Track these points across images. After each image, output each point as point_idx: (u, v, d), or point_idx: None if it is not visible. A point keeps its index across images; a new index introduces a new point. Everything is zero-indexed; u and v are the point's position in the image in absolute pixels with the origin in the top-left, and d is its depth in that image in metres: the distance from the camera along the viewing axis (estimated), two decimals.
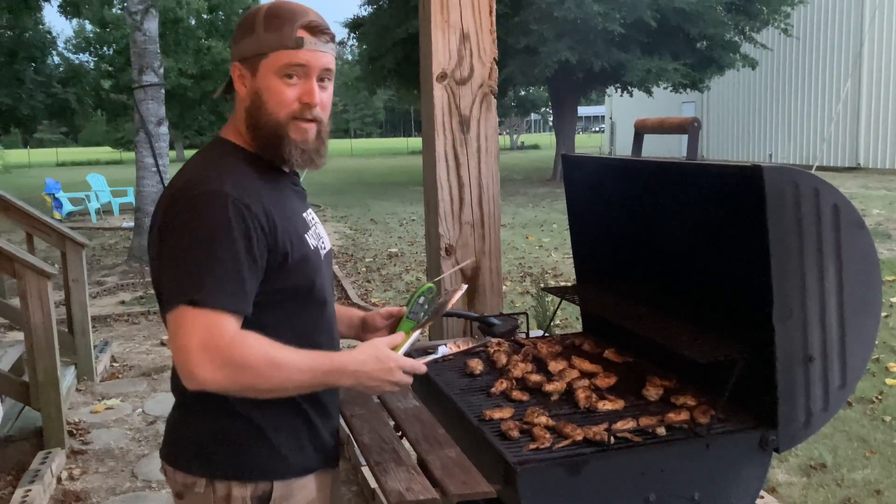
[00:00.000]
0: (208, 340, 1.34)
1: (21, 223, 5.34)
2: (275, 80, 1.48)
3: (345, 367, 1.47)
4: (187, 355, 1.34)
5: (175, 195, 1.43)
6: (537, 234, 12.02)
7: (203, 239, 1.37)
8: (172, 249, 1.40)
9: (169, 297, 1.38)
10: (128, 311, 7.62)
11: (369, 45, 21.91)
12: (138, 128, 9.79)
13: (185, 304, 1.34)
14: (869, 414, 4.37)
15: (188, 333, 1.34)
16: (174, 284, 1.38)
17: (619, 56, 18.17)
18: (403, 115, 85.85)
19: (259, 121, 1.50)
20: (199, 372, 1.34)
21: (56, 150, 55.77)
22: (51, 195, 16.11)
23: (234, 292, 1.37)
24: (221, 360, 1.34)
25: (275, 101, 1.49)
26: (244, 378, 1.36)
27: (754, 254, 1.60)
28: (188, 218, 1.39)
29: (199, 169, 1.48)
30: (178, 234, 1.39)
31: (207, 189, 1.40)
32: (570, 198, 2.46)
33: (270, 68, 1.48)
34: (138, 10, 9.68)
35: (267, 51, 1.47)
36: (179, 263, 1.38)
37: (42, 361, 4.05)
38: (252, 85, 1.50)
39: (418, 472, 1.62)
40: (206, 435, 1.53)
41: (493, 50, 2.77)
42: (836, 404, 1.70)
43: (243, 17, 1.53)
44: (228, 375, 1.35)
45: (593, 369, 2.04)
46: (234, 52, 1.53)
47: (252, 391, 1.40)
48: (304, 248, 1.51)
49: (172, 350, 1.37)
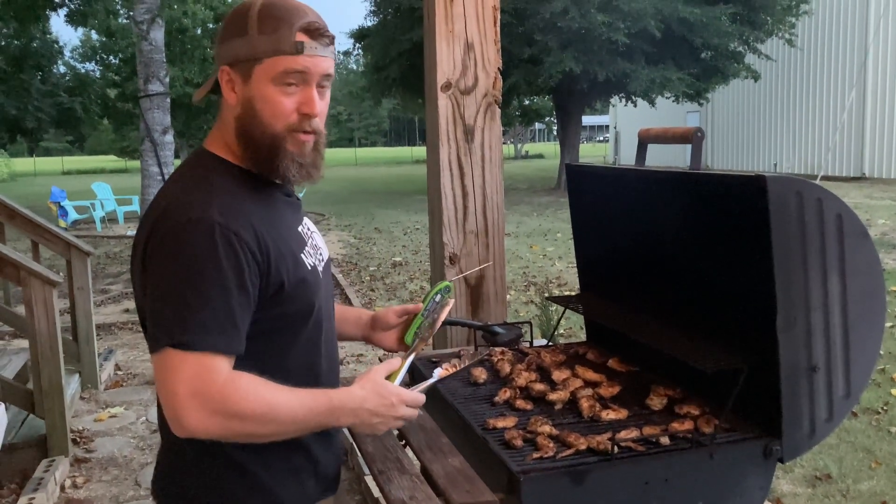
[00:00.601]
0: (198, 387, 1.23)
1: (27, 231, 5.36)
2: (271, 88, 1.34)
3: (344, 405, 1.36)
4: (176, 402, 1.23)
5: (157, 222, 1.30)
6: (541, 243, 12.02)
7: (188, 274, 1.25)
8: (156, 284, 1.28)
9: (154, 337, 1.26)
10: (132, 319, 7.63)
11: (374, 56, 22.01)
12: (144, 136, 9.84)
13: (170, 347, 1.23)
14: (874, 425, 4.35)
15: (176, 379, 1.23)
16: (159, 324, 1.26)
17: (624, 66, 18.22)
18: (408, 124, 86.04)
19: (252, 132, 1.36)
20: (188, 420, 1.23)
21: (62, 158, 56.04)
22: (56, 203, 16.18)
23: (223, 331, 1.26)
24: (212, 407, 1.24)
25: (270, 111, 1.35)
26: (237, 426, 1.26)
27: (758, 263, 1.60)
28: (172, 250, 1.26)
29: (184, 190, 1.34)
30: (162, 268, 1.27)
31: (192, 217, 1.27)
32: (574, 207, 2.47)
33: (266, 75, 1.33)
34: (144, 19, 9.75)
35: (262, 56, 1.32)
36: (164, 301, 1.26)
37: (47, 369, 4.06)
38: (244, 92, 1.36)
39: (422, 481, 1.62)
40: (196, 484, 1.42)
41: (498, 60, 2.79)
42: (840, 414, 1.69)
43: (232, 15, 1.36)
44: (220, 423, 1.25)
45: (597, 378, 2.04)
46: (222, 54, 1.36)
47: (246, 438, 1.31)
48: (300, 271, 1.40)
49: (159, 395, 1.26)
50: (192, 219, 1.27)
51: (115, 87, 34.46)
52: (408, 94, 23.69)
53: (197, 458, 1.40)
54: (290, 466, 1.45)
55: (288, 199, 1.49)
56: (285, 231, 1.41)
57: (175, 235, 1.27)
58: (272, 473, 1.42)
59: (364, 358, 6.00)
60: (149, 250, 1.30)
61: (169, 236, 1.27)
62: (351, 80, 48.10)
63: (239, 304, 1.28)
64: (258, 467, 1.41)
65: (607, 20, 16.99)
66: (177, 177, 1.42)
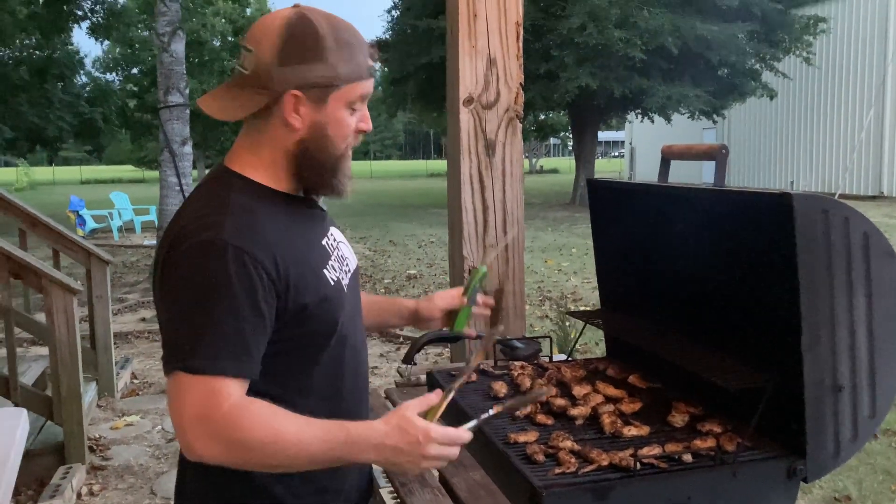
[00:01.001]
0: (204, 412, 1.21)
1: (48, 239, 5.42)
2: (343, 113, 1.36)
3: (365, 439, 1.27)
4: (183, 426, 1.22)
5: (174, 243, 1.29)
6: (556, 258, 12.00)
7: (200, 297, 1.24)
8: (169, 306, 1.28)
9: (166, 359, 1.26)
10: (148, 328, 7.68)
11: (392, 69, 22.15)
12: (163, 147, 9.94)
13: (181, 371, 1.22)
14: (895, 447, 4.30)
15: (183, 403, 1.22)
16: (170, 346, 1.26)
17: (640, 82, 18.25)
18: (423, 138, 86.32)
19: (320, 156, 1.36)
20: (195, 445, 1.22)
21: (80, 168, 56.68)
22: (74, 212, 16.34)
23: (234, 356, 1.24)
24: (217, 434, 1.21)
25: (341, 134, 1.37)
26: (242, 454, 1.23)
27: (783, 281, 1.59)
28: (185, 272, 1.26)
29: (200, 211, 1.32)
30: (175, 290, 1.27)
31: (205, 238, 1.25)
32: (595, 222, 2.47)
33: (343, 100, 1.35)
34: (166, 31, 9.87)
35: (341, 83, 1.33)
36: (176, 324, 1.26)
37: (66, 377, 4.09)
38: (314, 117, 1.34)
39: (443, 494, 1.62)
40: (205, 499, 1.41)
41: (520, 75, 2.80)
42: (865, 434, 1.68)
43: (297, 38, 1.31)
44: (226, 451, 1.22)
45: (618, 394, 2.03)
46: (289, 79, 1.31)
47: (254, 467, 1.27)
48: (322, 289, 1.37)
49: (172, 418, 1.25)
50: (205, 240, 1.26)
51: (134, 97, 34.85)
52: (424, 108, 23.83)
53: (216, 476, 1.35)
54: (316, 487, 1.42)
55: (311, 211, 1.48)
56: (306, 248, 1.40)
57: (188, 257, 1.26)
58: (294, 494, 1.39)
59: (378, 370, 6.01)
60: (164, 271, 1.30)
61: (182, 258, 1.26)
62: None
63: (252, 327, 1.26)
64: (281, 489, 1.38)
65: (624, 36, 17.04)
66: (195, 196, 1.40)
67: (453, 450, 1.34)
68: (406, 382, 2.47)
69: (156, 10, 10.02)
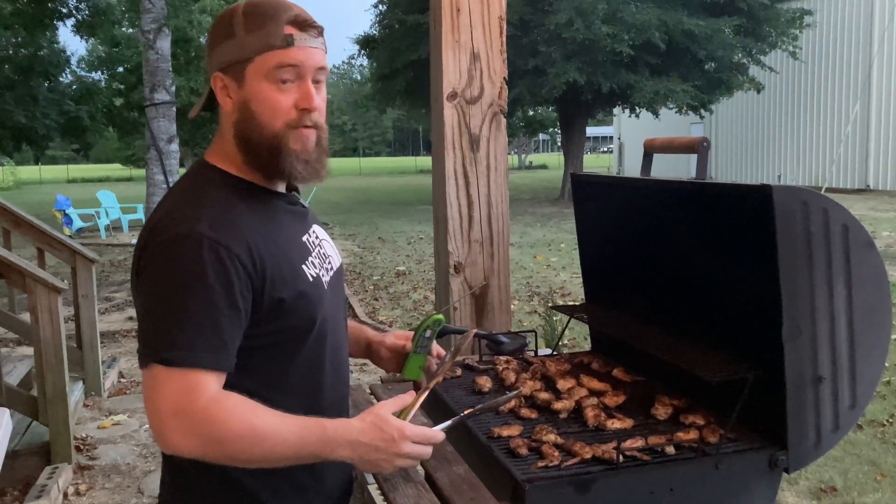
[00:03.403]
0: (181, 405, 1.20)
1: (32, 238, 5.38)
2: (265, 86, 1.32)
3: (340, 436, 1.27)
4: (159, 419, 1.21)
5: (150, 236, 1.29)
6: (545, 253, 12.02)
7: (175, 289, 1.23)
8: (145, 300, 1.27)
9: (142, 353, 1.25)
10: (135, 327, 7.62)
11: (380, 65, 22.10)
12: (149, 145, 9.89)
13: (156, 363, 1.21)
14: (880, 437, 4.33)
15: (160, 396, 1.21)
16: (146, 339, 1.25)
17: (628, 77, 18.28)
18: (412, 135, 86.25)
19: (252, 134, 1.34)
20: (171, 438, 1.21)
21: (67, 166, 56.31)
22: (61, 211, 16.24)
23: (210, 349, 1.23)
24: (193, 428, 1.20)
25: (268, 110, 1.32)
26: (218, 448, 1.22)
27: (763, 273, 1.60)
28: (160, 264, 1.25)
29: (177, 203, 1.32)
30: (151, 283, 1.26)
31: (181, 231, 1.25)
32: (579, 216, 2.47)
33: (259, 73, 1.31)
34: (151, 29, 9.81)
35: (252, 54, 1.31)
36: (152, 317, 1.25)
37: (51, 376, 4.06)
38: (239, 95, 1.34)
39: (427, 489, 1.62)
40: (194, 501, 1.41)
41: (504, 70, 2.80)
42: (846, 425, 1.69)
43: (218, 20, 1.35)
44: (202, 445, 1.22)
45: (602, 388, 2.03)
46: (213, 61, 1.35)
47: (230, 461, 1.26)
48: (300, 284, 1.36)
49: (147, 412, 1.24)
50: (180, 233, 1.25)
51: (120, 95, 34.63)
52: (413, 104, 23.77)
53: (195, 473, 1.36)
54: (294, 484, 1.41)
55: (292, 207, 1.47)
56: (285, 243, 1.38)
57: (164, 250, 1.26)
58: (273, 491, 1.39)
59: (367, 367, 6.00)
60: (141, 264, 1.29)
61: (158, 251, 1.26)
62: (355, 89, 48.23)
63: (229, 320, 1.25)
64: (258, 486, 1.37)
65: (612, 32, 17.07)
66: (174, 190, 1.40)
67: (426, 449, 1.34)
68: (392, 378, 2.47)
69: (141, 8, 9.96)
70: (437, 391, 2.10)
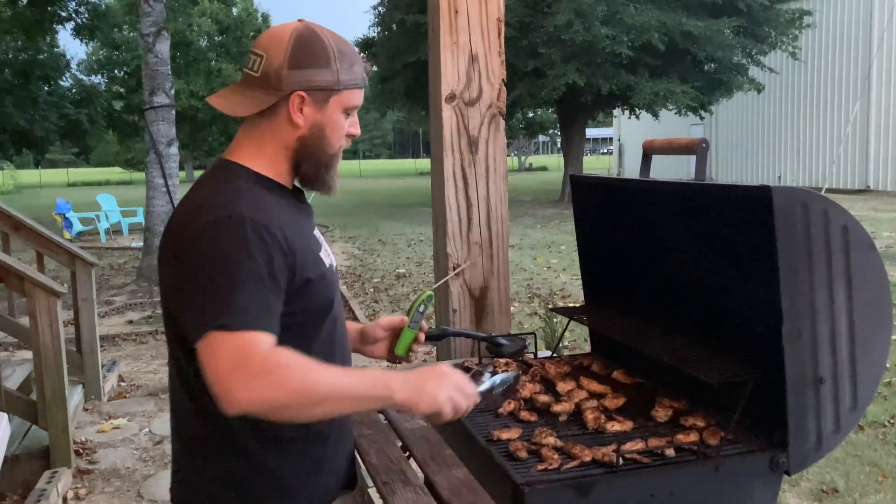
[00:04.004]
0: (242, 361, 1.28)
1: (31, 242, 5.37)
2: (340, 117, 1.51)
3: (392, 375, 1.39)
4: (222, 380, 1.27)
5: (188, 221, 1.39)
6: (545, 255, 12.01)
7: (223, 264, 1.33)
8: (193, 277, 1.35)
9: (196, 326, 1.32)
10: (136, 330, 7.63)
11: (380, 67, 22.09)
12: (149, 148, 9.88)
13: (214, 330, 1.29)
14: (881, 438, 4.32)
15: (221, 357, 1.28)
16: (200, 312, 1.32)
17: (627, 79, 18.26)
18: (412, 137, 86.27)
19: (317, 153, 1.50)
20: (235, 395, 1.27)
21: (67, 170, 56.34)
22: (61, 215, 16.23)
23: (260, 313, 1.33)
24: (256, 378, 1.27)
25: (336, 135, 1.51)
26: (283, 395, 1.29)
27: (764, 274, 1.59)
28: (206, 244, 1.35)
29: (212, 193, 1.43)
30: (198, 262, 1.35)
31: (223, 213, 1.36)
32: (579, 218, 2.47)
33: (340, 105, 1.49)
34: (150, 32, 9.80)
35: (341, 88, 1.48)
36: (202, 291, 1.33)
37: (50, 380, 4.05)
38: (316, 117, 1.48)
39: (426, 493, 1.61)
40: (218, 482, 1.47)
41: (502, 71, 2.79)
42: (847, 426, 1.68)
43: (309, 45, 1.46)
44: (267, 392, 1.28)
45: (602, 390, 2.03)
46: (296, 80, 1.45)
47: (295, 410, 1.32)
48: (321, 267, 1.49)
49: (208, 379, 1.30)
50: (222, 216, 1.35)
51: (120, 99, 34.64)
52: (413, 106, 23.76)
53: (217, 454, 1.44)
54: (309, 462, 1.49)
55: (302, 205, 1.59)
56: (304, 233, 1.51)
57: (207, 231, 1.35)
58: (292, 467, 1.47)
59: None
60: (181, 248, 1.38)
61: (201, 232, 1.35)
62: None
63: (272, 292, 1.35)
64: (277, 462, 1.45)
65: (611, 33, 17.05)
66: (203, 182, 1.50)
67: (468, 401, 1.44)
68: None
69: (140, 11, 9.95)
70: None
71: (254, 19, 39.89)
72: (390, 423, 2.06)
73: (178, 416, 1.50)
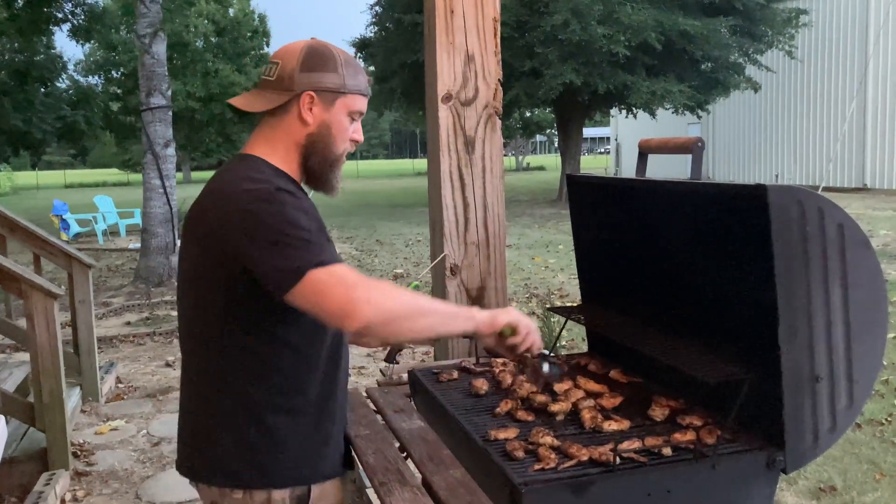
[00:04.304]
0: (353, 282, 1.44)
1: (28, 244, 5.36)
2: (345, 118, 1.66)
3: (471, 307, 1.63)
4: (343, 300, 1.41)
5: (229, 200, 1.52)
6: (543, 254, 12.01)
7: (292, 223, 1.47)
8: (268, 240, 1.46)
9: (291, 273, 1.43)
10: (133, 332, 7.62)
11: (377, 67, 22.07)
12: (146, 150, 9.87)
13: (313, 269, 1.43)
14: (879, 436, 4.33)
15: (332, 285, 1.43)
16: (290, 262, 1.44)
17: (624, 78, 18.26)
18: (409, 137, 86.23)
19: (322, 149, 1.65)
20: (360, 306, 1.41)
21: (64, 171, 56.24)
22: (58, 216, 16.20)
23: (336, 254, 1.51)
24: (373, 293, 1.43)
25: (341, 136, 1.66)
26: (397, 306, 1.46)
27: (760, 273, 1.60)
28: (274, 210, 1.48)
29: (245, 176, 1.57)
30: (267, 225, 1.47)
31: (270, 188, 1.52)
32: (575, 217, 2.46)
33: (345, 107, 1.65)
34: (147, 33, 9.79)
35: (347, 91, 1.64)
36: (283, 247, 1.45)
37: (47, 382, 4.04)
38: (323, 116, 1.63)
39: (423, 493, 1.61)
40: (237, 447, 1.57)
41: (498, 71, 2.79)
42: (843, 425, 1.68)
43: (319, 53, 1.63)
44: (385, 304, 1.44)
45: (599, 389, 2.03)
46: (307, 82, 1.62)
47: (403, 320, 1.48)
48: (335, 249, 1.61)
49: (322, 308, 1.44)
50: (270, 189, 1.51)
51: (117, 100, 34.58)
52: (410, 107, 23.75)
53: (237, 426, 1.56)
54: (321, 434, 1.64)
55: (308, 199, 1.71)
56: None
57: (271, 201, 1.49)
58: (303, 436, 1.60)
59: (365, 370, 5.99)
60: (248, 217, 1.48)
61: (266, 202, 1.49)
62: None
63: (331, 243, 1.53)
64: (290, 430, 1.58)
65: (608, 33, 17.05)
66: (230, 168, 1.63)
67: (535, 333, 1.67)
68: (388, 381, 2.46)
69: (136, 12, 9.94)
70: (433, 394, 2.10)
71: (251, 20, 39.85)
72: (387, 423, 2.06)
73: (197, 391, 1.61)
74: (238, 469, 1.58)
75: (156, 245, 9.95)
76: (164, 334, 7.53)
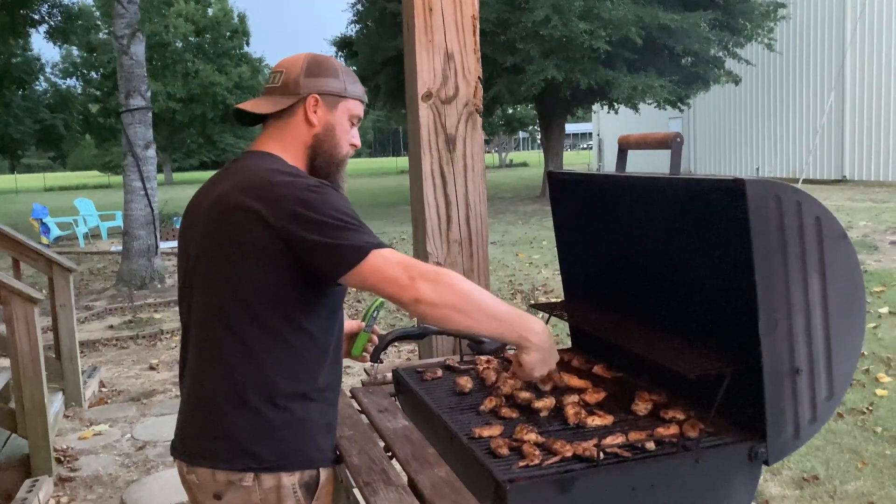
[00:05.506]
0: (410, 262, 1.54)
1: (7, 249, 5.31)
2: (346, 122, 1.79)
3: (531, 319, 1.67)
4: (404, 278, 1.51)
5: (286, 185, 1.59)
6: (527, 251, 12.04)
7: (343, 212, 1.56)
8: (325, 227, 1.54)
9: (352, 252, 1.53)
10: (116, 335, 7.56)
11: (359, 65, 22.00)
12: (126, 152, 9.78)
13: (375, 249, 1.53)
14: (860, 425, 4.38)
15: (395, 264, 1.53)
16: (350, 244, 1.53)
17: (606, 73, 18.31)
18: (392, 135, 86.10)
19: (328, 149, 1.76)
20: (420, 288, 1.50)
21: (43, 175, 55.70)
22: (38, 220, 16.04)
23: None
24: (430, 273, 1.53)
25: (343, 138, 1.79)
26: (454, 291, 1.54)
27: (739, 267, 1.61)
28: (327, 199, 1.57)
29: (283, 169, 1.66)
30: (326, 211, 1.55)
31: (311, 182, 1.61)
32: (557, 214, 2.47)
33: (347, 111, 1.78)
34: (125, 34, 9.71)
35: (349, 96, 1.78)
36: (345, 230, 1.54)
37: (29, 388, 4.01)
38: (327, 118, 1.76)
39: (408, 493, 1.61)
40: (249, 429, 1.62)
41: (478, 69, 2.79)
42: (824, 415, 1.70)
43: (321, 61, 1.78)
44: (437, 276, 1.53)
45: (582, 385, 2.04)
46: (312, 86, 1.74)
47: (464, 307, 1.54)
48: None
49: (386, 287, 1.53)
50: (312, 183, 1.60)
51: (96, 102, 34.26)
52: (394, 104, 23.68)
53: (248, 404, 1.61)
54: (327, 419, 1.73)
55: None
56: None
57: (320, 191, 1.58)
58: (314, 421, 1.68)
59: (350, 370, 5.98)
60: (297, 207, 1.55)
61: (315, 192, 1.58)
62: None
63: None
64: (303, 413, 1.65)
65: (589, 28, 17.08)
66: (255, 164, 1.69)
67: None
68: (372, 381, 2.45)
69: (114, 13, 9.84)
70: (418, 393, 2.10)
71: (230, 19, 39.60)
72: (372, 423, 2.05)
73: (217, 378, 1.64)
74: (258, 451, 1.62)
75: (138, 247, 9.88)
76: (148, 337, 7.48)
